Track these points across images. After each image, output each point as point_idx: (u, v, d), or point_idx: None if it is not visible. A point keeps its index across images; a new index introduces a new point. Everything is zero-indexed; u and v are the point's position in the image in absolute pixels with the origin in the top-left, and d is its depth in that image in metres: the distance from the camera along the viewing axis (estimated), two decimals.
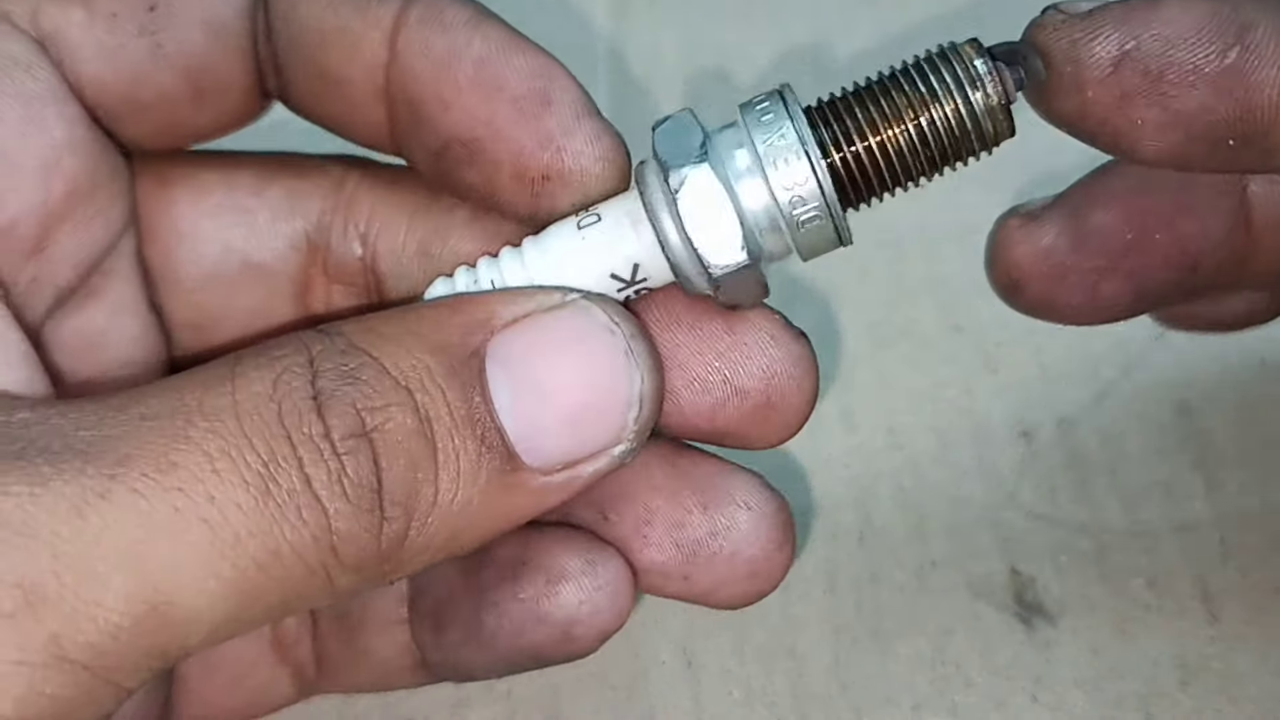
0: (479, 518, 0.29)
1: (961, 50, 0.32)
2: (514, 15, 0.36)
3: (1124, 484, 0.44)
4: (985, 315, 0.49)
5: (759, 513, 0.34)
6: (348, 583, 0.28)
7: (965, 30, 0.34)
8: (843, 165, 0.32)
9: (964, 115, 0.31)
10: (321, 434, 0.28)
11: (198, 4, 0.34)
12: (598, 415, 0.30)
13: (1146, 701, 0.39)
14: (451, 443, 0.29)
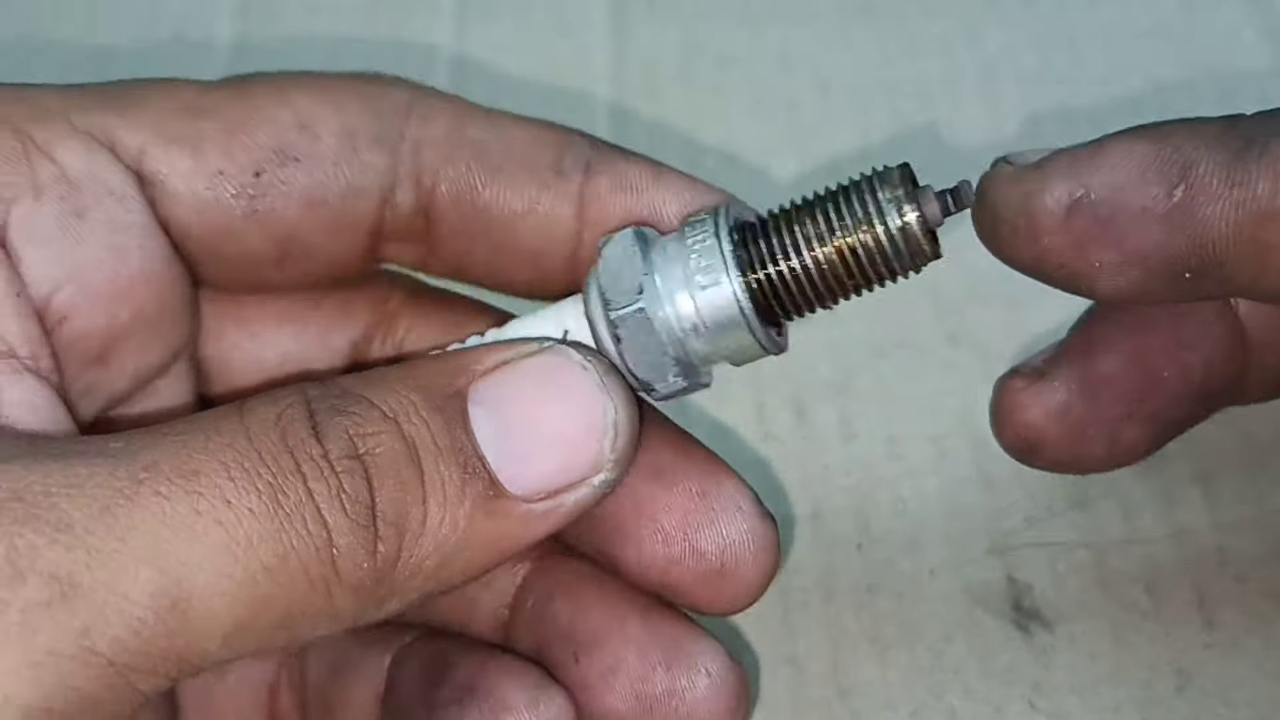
0: (467, 544, 0.31)
1: (887, 177, 0.33)
2: (514, 20, 0.36)
3: (1121, 492, 0.44)
4: (983, 325, 0.49)
5: (718, 680, 0.36)
6: (346, 605, 0.30)
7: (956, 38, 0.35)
8: (765, 284, 0.34)
9: (885, 242, 0.33)
10: (320, 455, 0.29)
11: (306, 182, 0.35)
12: (575, 443, 0.32)
13: (1144, 708, 0.40)
14: (437, 469, 0.30)
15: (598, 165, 0.36)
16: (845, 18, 0.60)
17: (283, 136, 0.35)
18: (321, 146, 0.35)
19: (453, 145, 0.36)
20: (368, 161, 0.36)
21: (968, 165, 0.36)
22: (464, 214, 0.36)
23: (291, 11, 0.61)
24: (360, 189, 0.36)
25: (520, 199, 0.36)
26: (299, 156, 0.35)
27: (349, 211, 0.36)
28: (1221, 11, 0.58)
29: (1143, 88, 0.56)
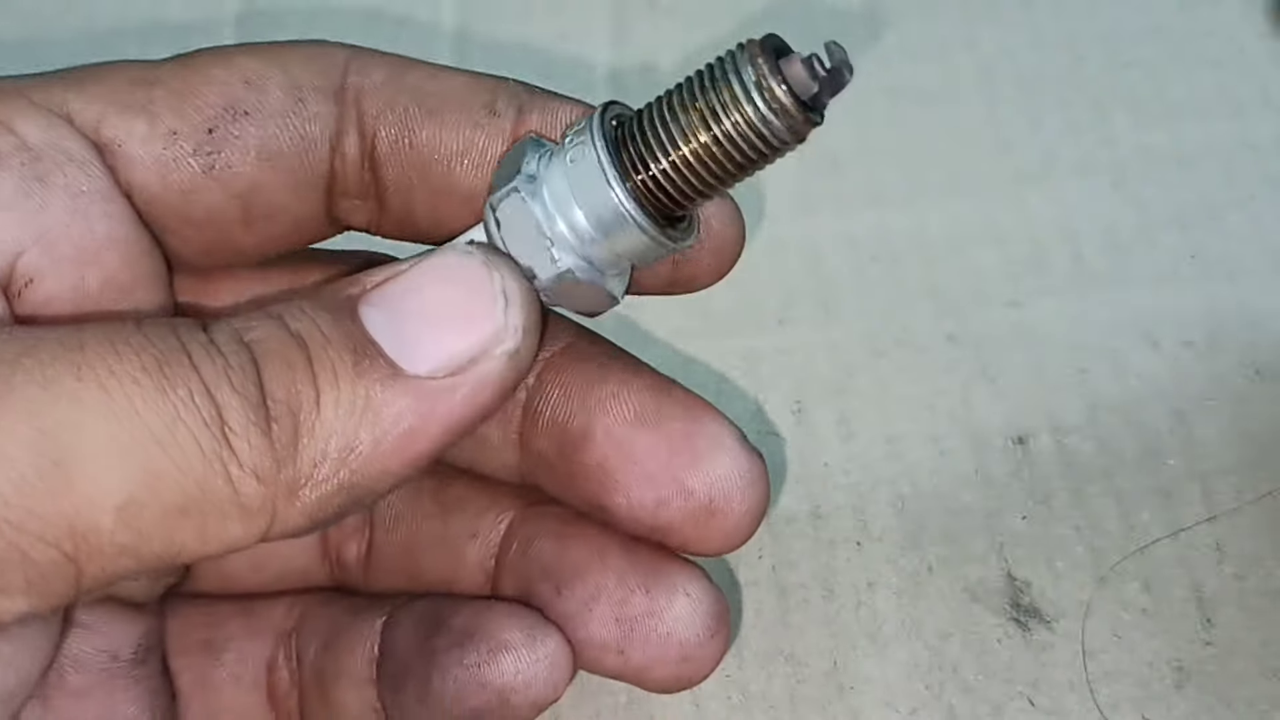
0: (372, 427, 0.30)
1: (742, 54, 0.32)
2: (515, 20, 0.36)
3: (1119, 490, 0.44)
4: (982, 324, 0.49)
5: (696, 600, 0.36)
6: (252, 491, 0.29)
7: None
8: (647, 186, 0.33)
9: (758, 121, 0.31)
10: (206, 340, 0.30)
11: (259, 134, 0.36)
12: (466, 313, 0.32)
13: (1142, 705, 0.40)
14: (326, 354, 0.30)
15: (530, 105, 0.36)
16: (844, 19, 0.60)
17: (231, 94, 0.36)
18: (269, 100, 0.36)
19: (391, 91, 0.36)
20: (315, 112, 0.36)
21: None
22: (403, 158, 0.36)
23: (291, 17, 0.61)
24: (311, 138, 0.36)
25: (455, 138, 0.36)
26: (248, 110, 0.36)
27: (303, 162, 0.36)
28: (1221, 11, 0.58)
29: (1143, 88, 0.56)
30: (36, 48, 0.60)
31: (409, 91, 0.36)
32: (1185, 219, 0.52)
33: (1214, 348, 0.48)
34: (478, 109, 0.36)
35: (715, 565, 0.44)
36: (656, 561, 0.37)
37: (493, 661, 0.35)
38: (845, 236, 0.52)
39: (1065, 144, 0.54)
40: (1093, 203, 0.52)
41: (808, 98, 0.31)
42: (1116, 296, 0.49)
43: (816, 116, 0.32)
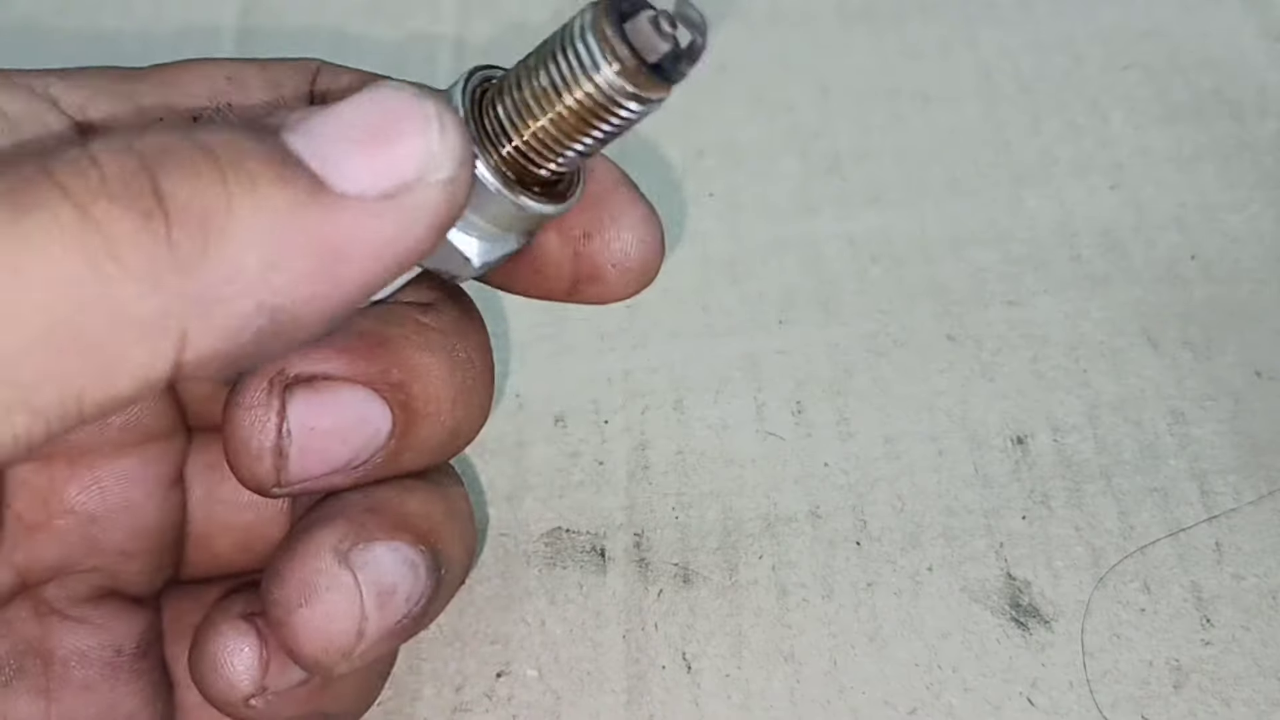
0: (296, 241, 0.27)
1: (579, 23, 0.30)
2: (515, 21, 0.36)
3: (1119, 490, 0.44)
4: (981, 324, 0.49)
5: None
6: (151, 306, 0.26)
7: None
8: (506, 160, 0.32)
9: (606, 92, 0.30)
10: (80, 152, 0.26)
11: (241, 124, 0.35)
12: (395, 134, 0.28)
13: (1141, 705, 0.40)
14: (243, 165, 0.27)
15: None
16: (844, 20, 0.60)
17: (215, 86, 0.36)
18: (250, 93, 0.36)
19: (355, 89, 0.36)
20: (293, 106, 0.36)
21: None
22: None
23: (292, 14, 0.61)
24: None
25: None
26: (231, 102, 0.36)
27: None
28: (1221, 12, 0.58)
29: (1142, 89, 0.56)
30: (37, 48, 0.60)
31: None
32: (1184, 219, 0.52)
33: (1213, 348, 0.48)
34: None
35: (713, 562, 0.44)
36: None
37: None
38: (845, 237, 0.52)
39: (1065, 144, 0.54)
40: (1092, 203, 0.52)
41: (655, 59, 0.30)
42: (1116, 296, 0.49)
43: (661, 79, 0.30)
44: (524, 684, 0.42)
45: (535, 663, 0.42)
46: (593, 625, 0.43)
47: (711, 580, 0.43)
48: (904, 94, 0.57)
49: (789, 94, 0.57)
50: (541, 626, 0.43)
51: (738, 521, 0.45)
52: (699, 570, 0.44)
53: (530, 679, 0.42)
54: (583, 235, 0.34)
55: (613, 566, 0.44)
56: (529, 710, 0.41)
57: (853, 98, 0.57)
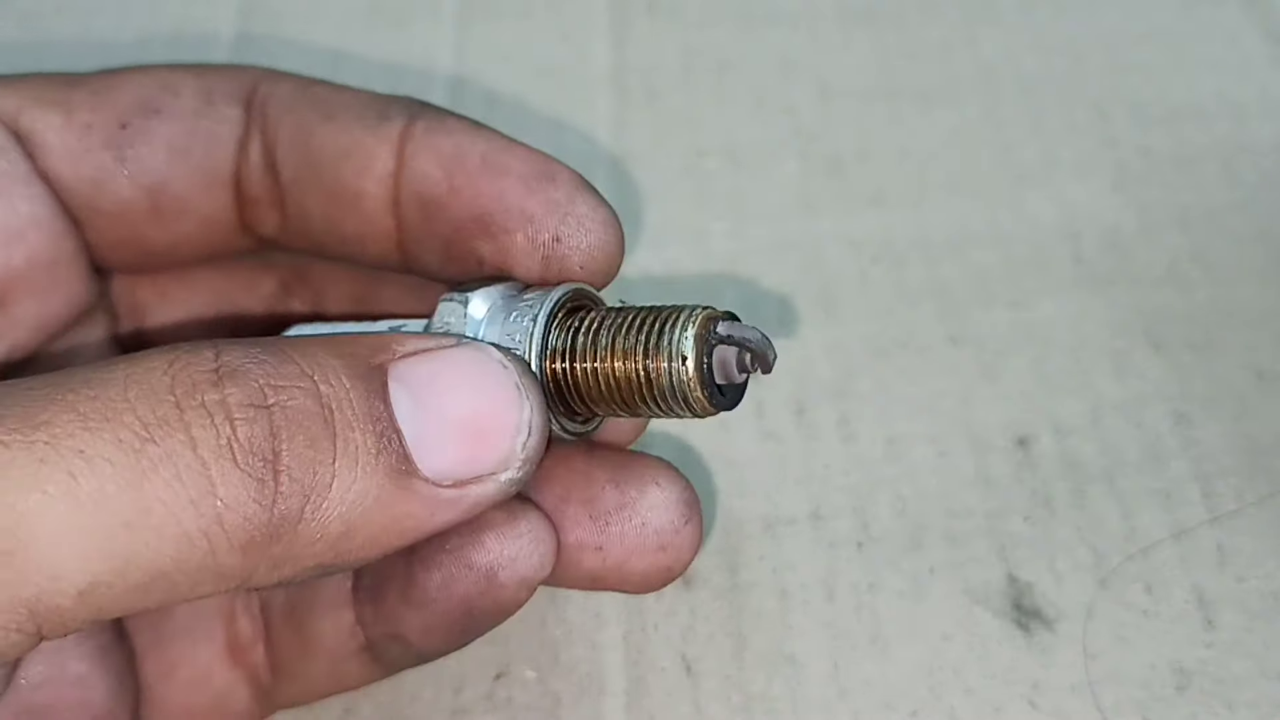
0: (372, 518, 0.30)
1: (690, 320, 0.33)
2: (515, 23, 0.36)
3: (1121, 491, 0.44)
4: (983, 325, 0.49)
5: (667, 488, 0.37)
6: (233, 564, 0.28)
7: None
8: (559, 375, 0.35)
9: (668, 380, 0.33)
10: (216, 401, 0.28)
11: (169, 131, 0.37)
12: (489, 435, 0.32)
13: (1143, 707, 0.40)
14: (352, 433, 0.29)
15: (419, 115, 0.37)
16: (845, 21, 0.60)
17: (145, 94, 0.38)
18: (181, 102, 0.38)
19: (294, 100, 0.38)
20: (224, 113, 0.38)
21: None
22: (298, 159, 0.37)
23: (292, 15, 0.61)
24: (218, 138, 0.38)
25: (346, 140, 0.37)
26: (160, 109, 0.38)
27: (211, 160, 0.38)
28: (1221, 12, 0.58)
29: (1143, 90, 0.56)
30: (36, 45, 0.60)
31: (310, 100, 0.38)
32: (1186, 220, 0.52)
33: (1215, 349, 0.48)
34: (370, 116, 0.37)
35: (713, 564, 0.44)
36: (620, 459, 0.37)
37: (475, 542, 0.35)
38: (846, 237, 0.52)
39: (1066, 145, 0.54)
40: (1094, 204, 0.52)
41: (723, 384, 0.34)
42: (1118, 297, 0.49)
43: (716, 403, 0.34)
44: (523, 685, 0.41)
45: (534, 664, 0.42)
46: (592, 627, 0.43)
47: (712, 582, 0.43)
48: (904, 94, 0.57)
49: (789, 95, 0.57)
50: (541, 628, 0.43)
51: (738, 523, 0.45)
52: (699, 572, 0.43)
53: (529, 680, 0.42)
54: (552, 240, 0.36)
55: None
56: (528, 712, 0.41)
57: (853, 98, 0.57)
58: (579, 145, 0.55)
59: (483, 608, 0.35)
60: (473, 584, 0.35)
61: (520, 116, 0.56)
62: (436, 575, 0.35)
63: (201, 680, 0.38)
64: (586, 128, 0.56)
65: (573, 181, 0.36)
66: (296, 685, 0.39)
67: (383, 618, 0.37)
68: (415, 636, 0.36)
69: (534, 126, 0.56)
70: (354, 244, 0.38)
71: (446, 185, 0.36)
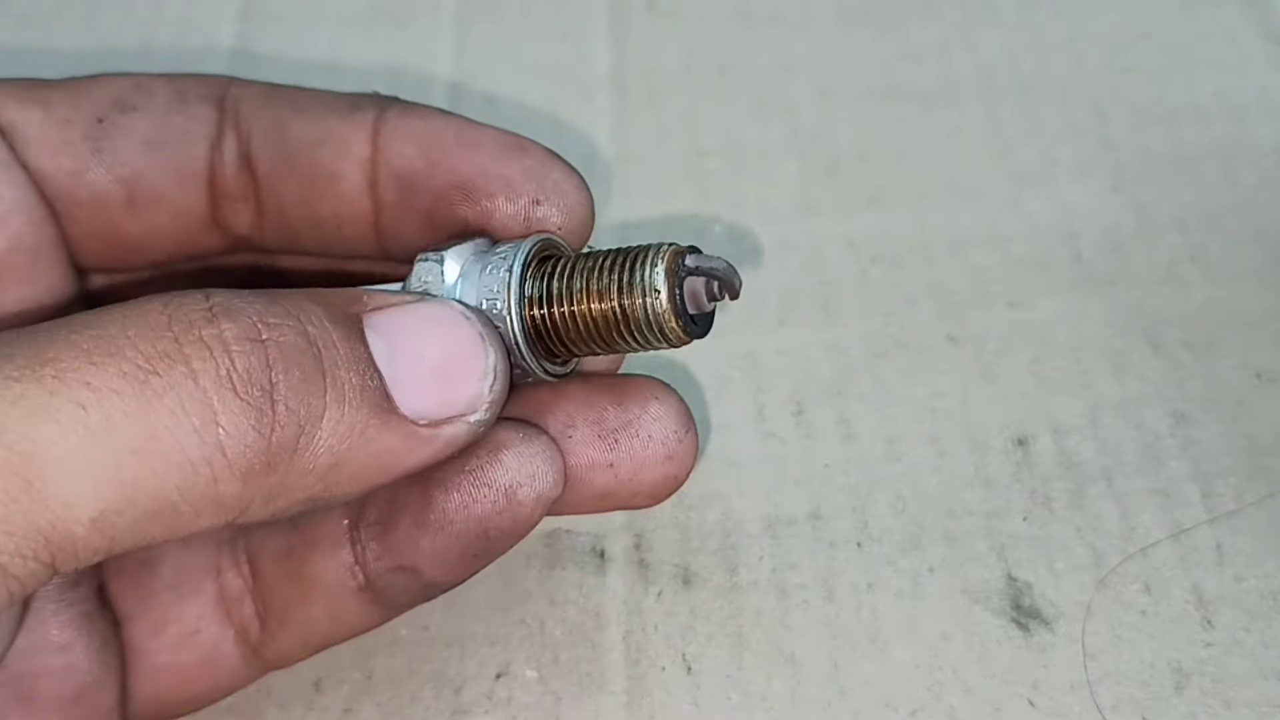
0: (358, 452, 0.32)
1: (659, 256, 0.35)
2: (515, 24, 0.36)
3: (1120, 491, 0.44)
4: (982, 325, 0.49)
5: (665, 402, 0.38)
6: (232, 493, 0.30)
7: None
8: (536, 321, 0.36)
9: (641, 316, 0.35)
10: (214, 335, 0.30)
11: (144, 126, 0.39)
12: (459, 380, 0.34)
13: (1142, 706, 0.40)
14: (338, 370, 0.31)
15: (389, 105, 0.39)
16: (844, 22, 0.60)
17: (120, 93, 0.39)
18: (156, 100, 0.39)
19: (266, 98, 0.40)
20: (196, 111, 0.39)
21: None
22: (274, 150, 0.39)
23: (292, 15, 0.61)
24: (192, 135, 0.39)
25: (320, 129, 0.39)
26: (136, 106, 0.39)
27: (185, 154, 0.39)
28: (1220, 12, 0.58)
29: (1143, 90, 0.56)
30: (37, 50, 0.60)
31: (282, 98, 0.40)
32: (1185, 221, 0.52)
33: (1214, 349, 0.48)
34: (341, 106, 0.39)
35: (713, 563, 0.44)
36: (615, 382, 0.39)
37: (494, 461, 0.36)
38: (845, 237, 0.52)
39: (1065, 145, 0.54)
40: (1093, 204, 0.52)
41: (694, 314, 0.36)
42: (1117, 298, 0.49)
43: (689, 332, 0.36)
44: (523, 685, 0.42)
45: (535, 664, 0.42)
46: (592, 626, 0.43)
47: (712, 581, 0.43)
48: (904, 95, 0.57)
49: (789, 95, 0.57)
50: (541, 628, 0.43)
51: (738, 522, 0.45)
52: (699, 571, 0.44)
53: (530, 680, 0.42)
54: (532, 202, 0.38)
55: (612, 567, 0.44)
56: (528, 711, 0.41)
57: (853, 99, 0.57)
58: (579, 145, 0.55)
59: (499, 528, 0.36)
60: (491, 503, 0.36)
61: (520, 117, 0.57)
62: (455, 496, 0.36)
63: (189, 637, 0.39)
64: (586, 128, 0.56)
65: (543, 151, 0.38)
66: (293, 635, 0.39)
67: (392, 548, 0.37)
68: (427, 564, 0.37)
69: (534, 127, 0.55)
70: (330, 228, 0.39)
71: (424, 161, 0.38)
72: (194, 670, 0.39)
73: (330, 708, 0.41)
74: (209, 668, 0.39)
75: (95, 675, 0.37)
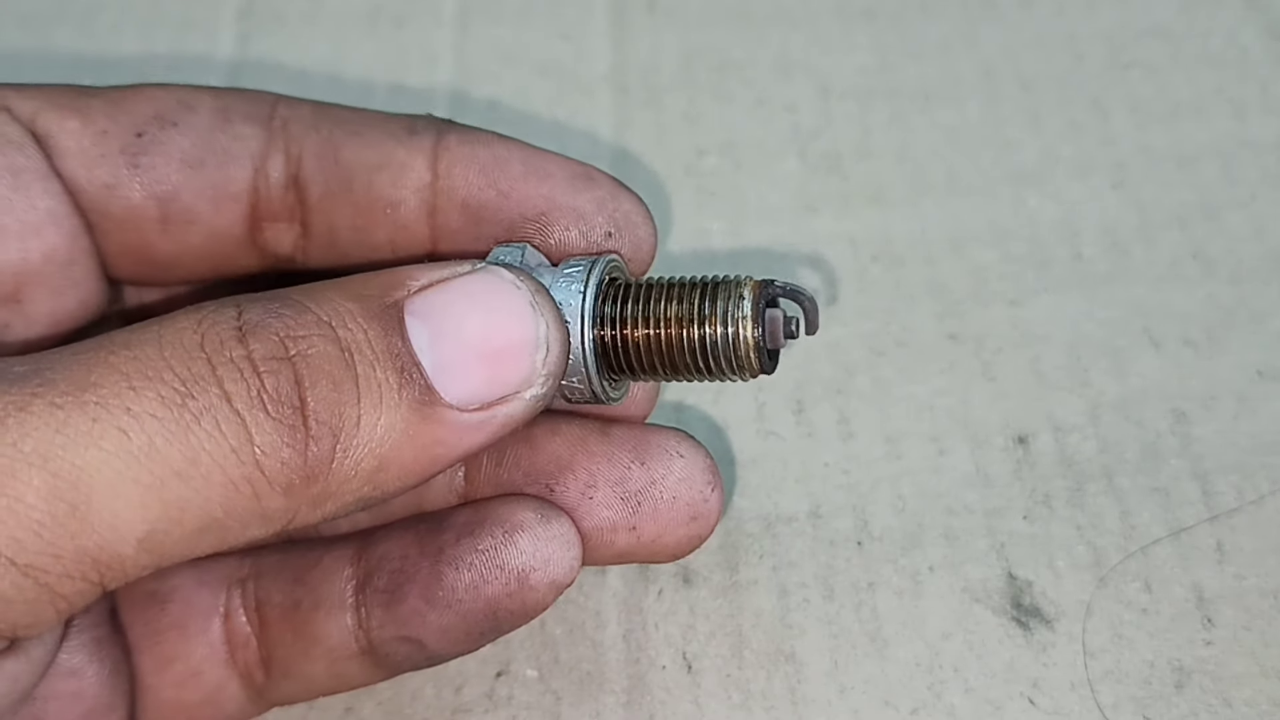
0: (403, 449, 0.31)
1: (740, 287, 0.36)
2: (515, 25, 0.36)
3: (1120, 489, 0.44)
4: (982, 323, 0.49)
5: (690, 458, 0.38)
6: (277, 506, 0.30)
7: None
8: (609, 342, 0.36)
9: (721, 346, 0.36)
10: (243, 356, 0.30)
11: (183, 144, 0.38)
12: (508, 356, 0.33)
13: (1143, 705, 0.40)
14: (373, 371, 0.31)
15: (448, 130, 0.39)
16: (845, 21, 0.60)
17: (163, 107, 0.38)
18: (198, 117, 0.39)
19: (317, 118, 0.39)
20: (241, 131, 0.39)
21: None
22: (328, 173, 0.38)
23: (293, 15, 0.61)
24: (234, 155, 0.38)
25: (377, 153, 0.38)
26: (177, 122, 0.38)
27: (225, 175, 0.38)
28: (1221, 9, 0.58)
29: (1143, 88, 0.56)
30: (37, 54, 0.60)
31: (333, 119, 0.39)
32: (1186, 218, 0.52)
33: (1215, 347, 0.48)
34: (398, 130, 0.39)
35: (713, 562, 0.44)
36: (637, 435, 0.38)
37: (509, 543, 0.36)
38: (846, 236, 0.52)
39: (1066, 143, 0.54)
40: (1093, 202, 0.52)
41: (772, 348, 0.36)
42: (1117, 296, 0.49)
43: (768, 367, 0.36)
44: (524, 684, 0.42)
45: (535, 663, 0.42)
46: (593, 625, 0.43)
47: (712, 580, 0.43)
48: (904, 93, 0.57)
49: (789, 93, 0.57)
50: (541, 627, 0.43)
51: (738, 521, 0.45)
52: (699, 570, 0.44)
53: (530, 679, 0.42)
54: (604, 235, 0.38)
55: (613, 567, 0.44)
56: (529, 710, 0.41)
57: (853, 97, 0.57)
58: (580, 145, 0.55)
59: (509, 609, 0.36)
60: (503, 586, 0.36)
61: (521, 117, 0.56)
62: (466, 575, 0.36)
63: (194, 676, 0.39)
64: (587, 128, 0.56)
65: (612, 182, 0.38)
66: (295, 685, 0.39)
67: (398, 619, 0.37)
68: (432, 639, 0.37)
69: (535, 127, 0.56)
70: (384, 254, 0.39)
71: (494, 191, 0.38)
72: (198, 708, 0.39)
73: (331, 707, 0.41)
74: (212, 706, 0.39)
75: (104, 700, 0.37)
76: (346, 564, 0.38)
